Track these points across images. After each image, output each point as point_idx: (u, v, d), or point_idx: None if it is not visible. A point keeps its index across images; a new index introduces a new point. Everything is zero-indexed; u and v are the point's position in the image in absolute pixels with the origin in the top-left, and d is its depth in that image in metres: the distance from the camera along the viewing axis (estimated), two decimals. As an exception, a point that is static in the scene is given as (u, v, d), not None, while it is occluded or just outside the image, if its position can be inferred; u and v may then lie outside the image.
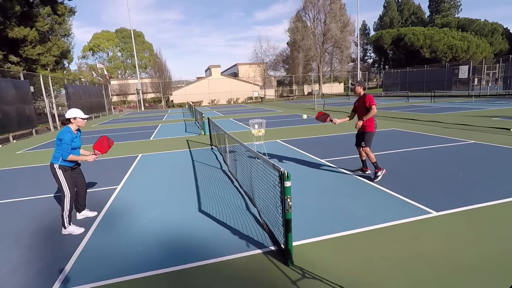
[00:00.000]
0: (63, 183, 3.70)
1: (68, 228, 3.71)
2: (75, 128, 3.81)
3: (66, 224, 3.70)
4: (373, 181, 4.98)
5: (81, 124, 3.85)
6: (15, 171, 7.41)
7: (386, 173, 5.16)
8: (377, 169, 5.02)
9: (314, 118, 6.51)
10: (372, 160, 5.04)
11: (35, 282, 2.80)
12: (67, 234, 3.69)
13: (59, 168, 3.69)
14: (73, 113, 3.75)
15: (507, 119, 11.36)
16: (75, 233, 3.70)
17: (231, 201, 4.52)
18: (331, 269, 2.74)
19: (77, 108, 3.85)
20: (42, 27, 21.84)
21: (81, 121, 3.82)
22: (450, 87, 30.78)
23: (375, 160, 5.04)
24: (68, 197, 3.73)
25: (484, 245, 2.97)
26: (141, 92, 35.85)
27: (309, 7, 43.87)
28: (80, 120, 3.80)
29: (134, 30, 46.35)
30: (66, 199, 3.72)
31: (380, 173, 5.01)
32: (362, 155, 5.35)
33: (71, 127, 3.77)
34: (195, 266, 2.90)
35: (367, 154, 5.10)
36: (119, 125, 18.01)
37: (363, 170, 5.46)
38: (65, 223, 3.70)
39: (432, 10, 62.13)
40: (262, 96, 41.24)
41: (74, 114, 3.75)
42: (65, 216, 3.69)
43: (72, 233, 3.70)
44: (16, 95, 13.77)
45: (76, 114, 3.75)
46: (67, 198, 3.72)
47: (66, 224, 3.70)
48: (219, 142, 8.07)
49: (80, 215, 4.19)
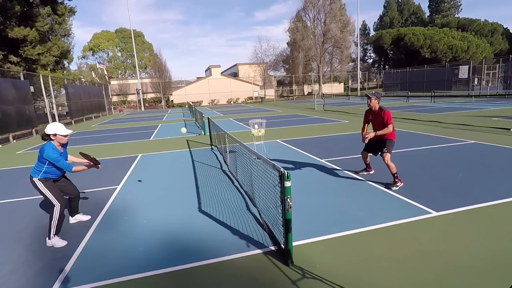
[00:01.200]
0: (48, 195, 3.45)
1: (52, 240, 3.41)
2: (57, 144, 3.47)
3: (51, 235, 3.41)
4: (390, 188, 4.59)
5: (63, 141, 3.49)
6: (15, 171, 7.41)
7: (386, 173, 4.94)
8: (397, 179, 4.64)
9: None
10: (393, 171, 4.61)
11: (35, 282, 2.80)
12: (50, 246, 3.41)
13: (39, 181, 3.44)
14: (52, 129, 3.36)
15: (507, 119, 11.36)
16: (57, 246, 3.39)
17: (231, 201, 4.52)
18: (331, 269, 2.74)
19: (59, 123, 3.50)
20: (42, 27, 21.85)
21: (62, 138, 3.45)
22: (450, 87, 30.78)
23: (396, 171, 4.64)
24: (57, 207, 3.45)
25: (484, 245, 2.97)
26: (141, 92, 35.85)
27: (309, 7, 43.89)
28: (60, 137, 3.42)
29: (134, 30, 46.37)
30: (56, 208, 3.44)
31: (399, 184, 4.63)
32: (366, 159, 5.23)
33: (54, 144, 3.43)
34: (195, 266, 2.90)
35: (388, 164, 4.59)
36: (119, 125, 18.01)
37: (367, 170, 5.39)
38: (51, 233, 3.41)
39: (432, 10, 62.10)
40: (262, 96, 41.24)
41: (53, 130, 3.36)
42: (52, 226, 3.41)
43: (54, 246, 3.39)
44: (16, 95, 13.77)
45: (55, 130, 3.36)
46: (57, 208, 3.44)
47: (51, 235, 3.41)
48: (219, 142, 8.07)
49: (73, 219, 4.03)
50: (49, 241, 3.44)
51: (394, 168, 4.62)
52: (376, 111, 4.79)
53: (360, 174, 5.42)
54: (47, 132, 3.39)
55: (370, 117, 4.94)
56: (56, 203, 3.46)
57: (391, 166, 4.60)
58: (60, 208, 3.47)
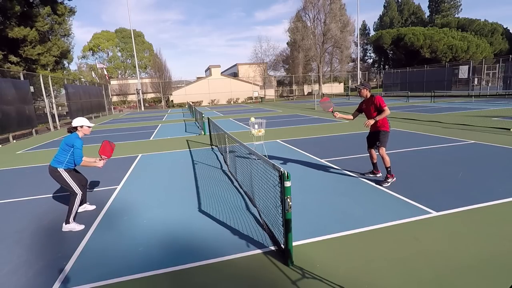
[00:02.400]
0: (71, 184, 3.86)
1: (71, 224, 3.81)
2: (81, 135, 4.01)
3: (70, 220, 3.81)
4: (381, 185, 4.72)
5: (87, 132, 4.05)
6: (15, 171, 7.41)
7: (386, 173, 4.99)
8: (389, 174, 4.78)
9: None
10: (387, 164, 4.74)
11: (35, 282, 2.80)
12: (67, 231, 3.77)
13: (64, 171, 3.85)
14: (80, 122, 3.97)
15: (507, 119, 11.36)
16: (75, 230, 3.80)
17: (231, 201, 4.52)
18: (331, 269, 2.74)
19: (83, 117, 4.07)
20: (42, 27, 21.85)
21: (87, 129, 4.04)
22: (450, 87, 30.76)
23: (390, 165, 4.76)
24: (78, 195, 3.87)
25: (484, 245, 2.97)
26: (141, 92, 35.84)
27: (309, 7, 43.86)
28: (86, 128, 4.02)
29: (134, 30, 46.38)
30: (77, 197, 3.86)
31: (390, 180, 4.77)
32: (373, 157, 5.13)
33: (78, 134, 3.97)
34: (195, 266, 2.90)
35: (382, 156, 4.74)
36: (119, 125, 18.01)
37: (374, 173, 5.22)
38: (70, 218, 3.82)
39: (432, 10, 62.14)
40: (262, 96, 41.24)
41: (81, 122, 3.97)
42: (72, 213, 3.83)
43: (72, 230, 3.79)
44: (16, 95, 13.76)
45: (83, 123, 3.98)
46: (78, 196, 3.87)
47: (70, 220, 3.81)
48: (219, 142, 8.07)
49: (81, 208, 4.34)
50: (67, 226, 3.81)
51: (389, 161, 4.78)
52: (368, 99, 4.95)
53: (366, 176, 5.27)
54: (74, 125, 3.94)
55: (363, 106, 5.05)
56: (78, 191, 3.88)
57: (386, 159, 4.75)
58: (80, 195, 3.90)
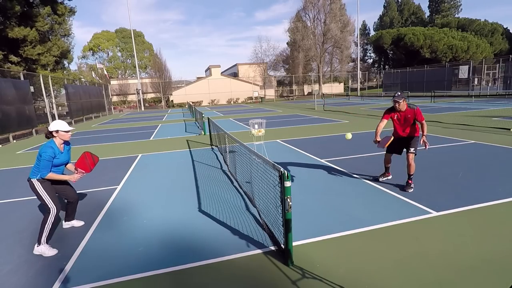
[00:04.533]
0: (44, 197, 3.30)
1: (41, 247, 3.25)
2: (59, 142, 3.41)
3: (42, 241, 3.25)
4: (406, 190, 4.49)
5: (65, 138, 3.44)
6: (15, 171, 7.41)
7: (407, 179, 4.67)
8: (410, 180, 4.57)
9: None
10: (413, 171, 4.54)
11: (36, 282, 2.80)
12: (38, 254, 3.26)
13: (37, 181, 3.30)
14: (54, 126, 3.35)
15: (507, 119, 11.36)
16: (45, 255, 3.22)
17: (231, 201, 4.52)
18: (331, 269, 2.74)
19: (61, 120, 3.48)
20: (42, 27, 21.84)
21: (64, 134, 3.40)
22: (450, 87, 30.77)
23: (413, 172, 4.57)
24: (53, 212, 3.31)
25: (484, 245, 2.98)
26: (141, 92, 35.84)
27: (309, 7, 43.87)
28: (62, 133, 3.37)
29: (134, 30, 46.37)
30: (51, 214, 3.30)
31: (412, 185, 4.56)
32: (389, 162, 4.95)
33: (55, 141, 3.39)
34: (195, 266, 2.90)
35: (410, 163, 4.51)
36: (119, 125, 18.01)
37: (386, 175, 5.07)
38: (42, 239, 3.26)
39: (432, 10, 62.10)
40: (262, 96, 41.23)
41: (56, 126, 3.35)
42: (45, 232, 3.26)
43: (43, 254, 3.23)
44: (16, 95, 13.77)
45: (58, 127, 3.34)
46: (52, 213, 3.30)
47: (42, 241, 3.25)
48: (219, 142, 8.07)
49: (67, 224, 3.89)
50: (37, 248, 3.27)
51: (414, 169, 4.55)
52: (404, 111, 4.51)
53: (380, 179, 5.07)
54: (49, 129, 3.37)
55: (395, 116, 4.59)
56: (52, 206, 3.32)
57: (413, 166, 4.52)
58: (56, 212, 3.35)
